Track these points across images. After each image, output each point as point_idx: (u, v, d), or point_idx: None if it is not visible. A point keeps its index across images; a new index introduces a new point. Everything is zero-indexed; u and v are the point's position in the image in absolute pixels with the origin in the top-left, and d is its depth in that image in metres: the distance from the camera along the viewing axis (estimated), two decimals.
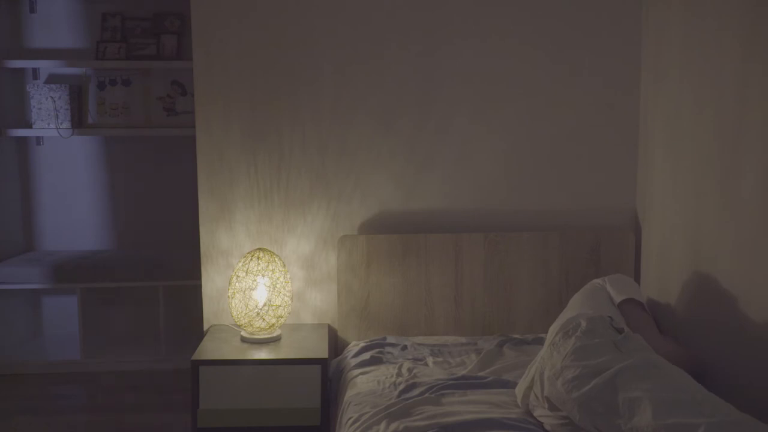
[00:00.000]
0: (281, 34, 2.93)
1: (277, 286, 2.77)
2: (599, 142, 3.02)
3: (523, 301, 2.96)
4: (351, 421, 2.16)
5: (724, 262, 2.30)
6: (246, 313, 2.76)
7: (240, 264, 2.80)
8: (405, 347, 2.76)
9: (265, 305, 2.76)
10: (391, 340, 2.84)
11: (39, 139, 4.34)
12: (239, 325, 2.83)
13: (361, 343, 2.82)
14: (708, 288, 2.38)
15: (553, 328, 2.12)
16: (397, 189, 3.01)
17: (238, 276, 2.77)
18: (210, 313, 3.04)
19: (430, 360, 2.62)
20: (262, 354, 2.71)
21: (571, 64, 2.99)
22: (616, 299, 2.55)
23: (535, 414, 2.05)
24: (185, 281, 3.93)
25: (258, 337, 2.80)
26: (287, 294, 2.81)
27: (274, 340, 2.81)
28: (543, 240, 2.94)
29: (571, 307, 2.54)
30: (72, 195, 4.41)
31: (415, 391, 2.28)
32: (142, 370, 4.01)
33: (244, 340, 2.82)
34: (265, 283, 2.76)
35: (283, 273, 2.80)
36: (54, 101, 4.10)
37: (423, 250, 2.93)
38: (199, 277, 3.05)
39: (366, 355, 2.68)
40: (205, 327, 3.04)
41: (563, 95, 3.00)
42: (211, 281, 3.03)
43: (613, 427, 1.78)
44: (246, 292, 2.75)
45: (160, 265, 4.10)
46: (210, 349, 2.76)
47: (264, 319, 2.76)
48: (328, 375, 2.71)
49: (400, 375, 2.46)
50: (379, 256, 2.92)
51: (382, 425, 2.04)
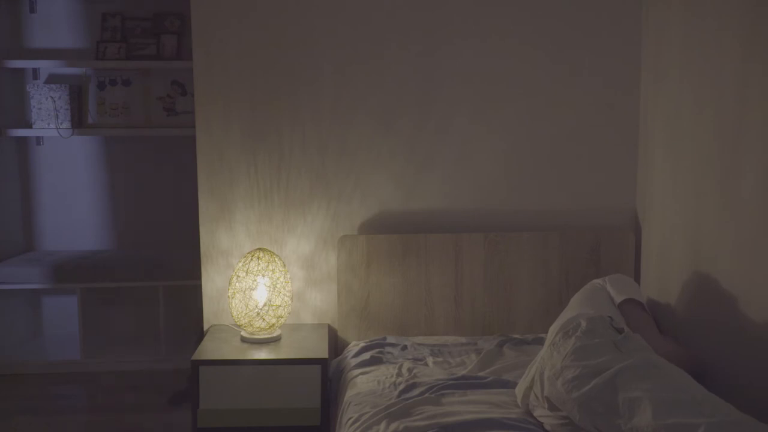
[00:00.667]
0: (281, 34, 2.93)
1: (277, 286, 2.77)
2: (599, 142, 3.02)
3: (523, 301, 2.96)
4: (351, 421, 2.16)
5: (724, 262, 2.30)
6: (246, 313, 2.76)
7: (240, 264, 2.80)
8: (405, 347, 2.76)
9: (265, 305, 2.76)
10: (391, 340, 2.84)
11: (39, 139, 4.34)
12: (239, 325, 2.83)
13: (361, 343, 2.82)
14: (708, 288, 2.38)
15: (553, 328, 2.12)
16: (397, 189, 3.01)
17: (238, 276, 2.77)
18: (210, 313, 3.04)
19: (430, 360, 2.62)
20: (262, 354, 2.71)
21: (571, 64, 2.99)
22: (617, 299, 2.55)
23: (535, 414, 2.05)
24: (185, 281, 3.93)
25: (258, 337, 2.80)
26: (287, 294, 2.80)
27: (274, 340, 2.81)
28: (543, 240, 2.94)
29: (571, 307, 2.54)
30: (72, 195, 4.42)
31: (415, 391, 2.28)
32: (142, 370, 4.01)
33: (244, 340, 2.82)
34: (265, 283, 2.76)
35: (283, 273, 2.80)
36: (54, 101, 4.10)
37: (423, 250, 2.93)
38: (199, 277, 3.05)
39: (366, 355, 2.68)
40: (205, 327, 3.04)
41: (563, 95, 3.00)
42: (211, 281, 3.03)
43: (613, 427, 1.78)
44: (246, 292, 2.75)
45: (160, 265, 4.10)
46: (210, 349, 2.76)
47: (264, 319, 2.76)
48: (328, 375, 2.71)
49: (400, 375, 2.46)
50: (379, 256, 2.92)
51: (382, 425, 2.04)
